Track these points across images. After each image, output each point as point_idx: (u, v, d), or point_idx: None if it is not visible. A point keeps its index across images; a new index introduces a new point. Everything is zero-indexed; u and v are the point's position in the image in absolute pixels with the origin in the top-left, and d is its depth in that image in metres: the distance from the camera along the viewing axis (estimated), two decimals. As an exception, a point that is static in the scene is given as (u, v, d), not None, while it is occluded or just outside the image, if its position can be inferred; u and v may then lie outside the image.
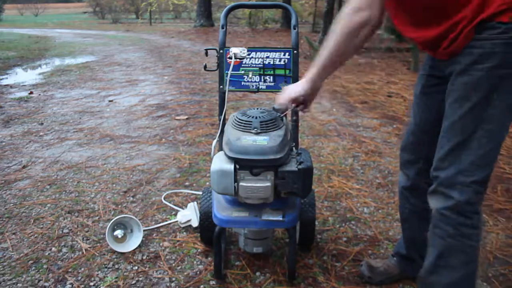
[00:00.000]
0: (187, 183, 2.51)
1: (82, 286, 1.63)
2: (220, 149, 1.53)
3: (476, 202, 1.17)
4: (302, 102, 1.42)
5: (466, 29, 1.07)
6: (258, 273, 1.69)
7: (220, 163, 1.39)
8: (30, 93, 4.87)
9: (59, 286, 1.64)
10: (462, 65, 1.12)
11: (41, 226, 2.06)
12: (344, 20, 1.18)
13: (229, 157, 1.38)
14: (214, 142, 1.68)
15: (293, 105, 1.42)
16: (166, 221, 2.08)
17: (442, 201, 1.19)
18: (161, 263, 1.77)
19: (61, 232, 2.00)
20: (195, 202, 2.09)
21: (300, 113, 1.59)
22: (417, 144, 1.42)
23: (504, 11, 1.03)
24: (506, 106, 1.11)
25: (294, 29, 1.73)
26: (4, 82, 5.70)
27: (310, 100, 1.42)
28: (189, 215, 2.00)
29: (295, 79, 1.73)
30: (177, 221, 2.03)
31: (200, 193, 2.05)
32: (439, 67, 1.26)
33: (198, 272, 1.71)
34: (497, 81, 1.08)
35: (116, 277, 1.68)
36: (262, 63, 1.76)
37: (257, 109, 1.50)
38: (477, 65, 1.09)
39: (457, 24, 1.09)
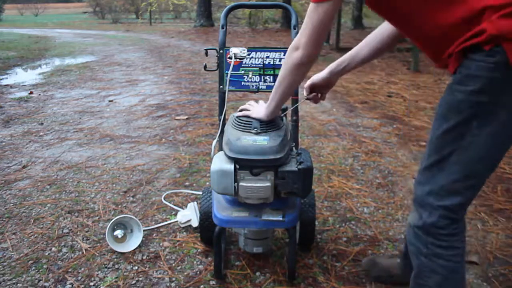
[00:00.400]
0: (187, 183, 2.51)
1: (82, 286, 1.63)
2: (220, 149, 1.53)
3: (444, 227, 1.12)
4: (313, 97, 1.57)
5: (459, 48, 1.02)
6: (258, 273, 1.69)
7: (220, 163, 1.39)
8: (30, 93, 4.87)
9: (59, 286, 1.64)
10: (450, 83, 1.08)
11: (41, 226, 2.06)
12: (286, 58, 1.29)
13: (229, 157, 1.38)
14: (214, 142, 1.68)
15: (305, 95, 1.54)
16: (166, 221, 2.08)
17: (416, 219, 1.17)
18: (161, 263, 1.77)
19: (61, 232, 2.01)
20: (195, 202, 2.09)
21: (300, 113, 1.60)
22: None
23: (490, 41, 0.96)
24: (487, 136, 1.03)
25: (294, 29, 1.73)
26: (4, 82, 5.70)
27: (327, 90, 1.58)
28: (189, 215, 2.00)
29: None
30: (177, 221, 2.03)
31: (200, 193, 2.05)
32: None
33: (198, 272, 1.71)
34: (478, 108, 1.01)
35: (116, 277, 1.68)
36: (262, 63, 1.76)
37: (257, 109, 1.50)
38: (460, 86, 1.03)
39: (451, 55, 1.06)
